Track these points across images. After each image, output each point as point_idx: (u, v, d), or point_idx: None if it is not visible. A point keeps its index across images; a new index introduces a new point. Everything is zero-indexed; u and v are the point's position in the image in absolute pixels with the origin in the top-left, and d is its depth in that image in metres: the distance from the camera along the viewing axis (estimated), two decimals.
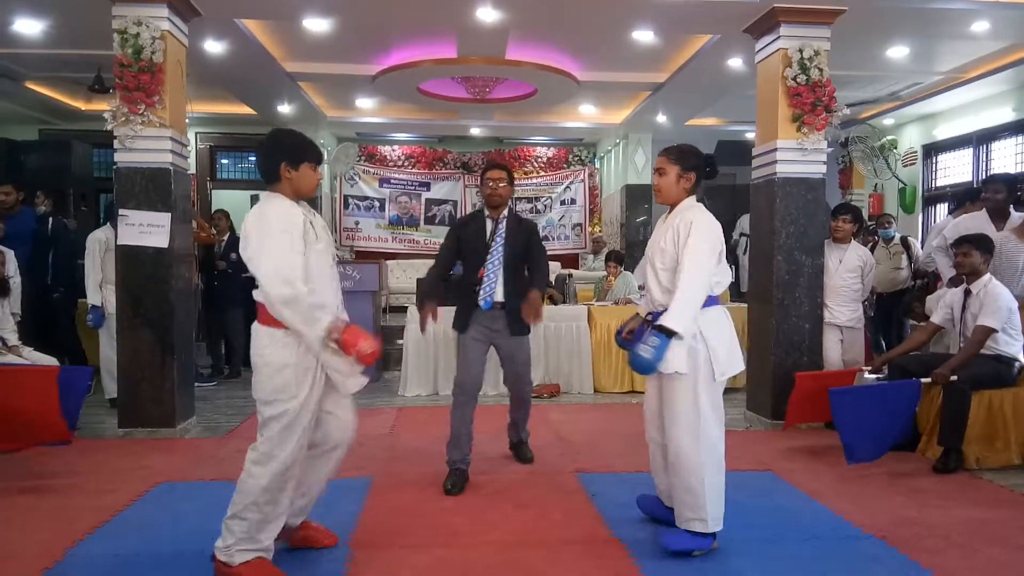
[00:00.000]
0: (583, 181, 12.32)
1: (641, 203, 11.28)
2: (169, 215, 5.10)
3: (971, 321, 4.43)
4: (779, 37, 5.27)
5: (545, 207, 12.21)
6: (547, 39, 7.09)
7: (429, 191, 12.02)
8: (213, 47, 6.72)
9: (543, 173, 12.35)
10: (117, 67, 4.96)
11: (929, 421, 4.56)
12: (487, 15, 5.87)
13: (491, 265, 4.09)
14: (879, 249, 7.20)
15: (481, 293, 4.08)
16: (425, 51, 7.45)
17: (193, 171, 10.01)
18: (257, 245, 2.67)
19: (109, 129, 5.02)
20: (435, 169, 12.13)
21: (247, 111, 9.71)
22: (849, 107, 8.95)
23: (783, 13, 5.21)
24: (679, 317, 2.90)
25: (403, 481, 4.08)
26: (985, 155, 9.02)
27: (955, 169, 9.59)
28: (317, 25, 6.35)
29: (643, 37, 6.64)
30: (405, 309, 7.16)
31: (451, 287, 4.51)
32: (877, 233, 7.62)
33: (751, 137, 6.62)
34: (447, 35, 6.85)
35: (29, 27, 6.33)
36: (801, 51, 5.19)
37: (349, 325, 2.73)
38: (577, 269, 10.85)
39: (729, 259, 4.45)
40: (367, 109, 10.05)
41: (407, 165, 12.10)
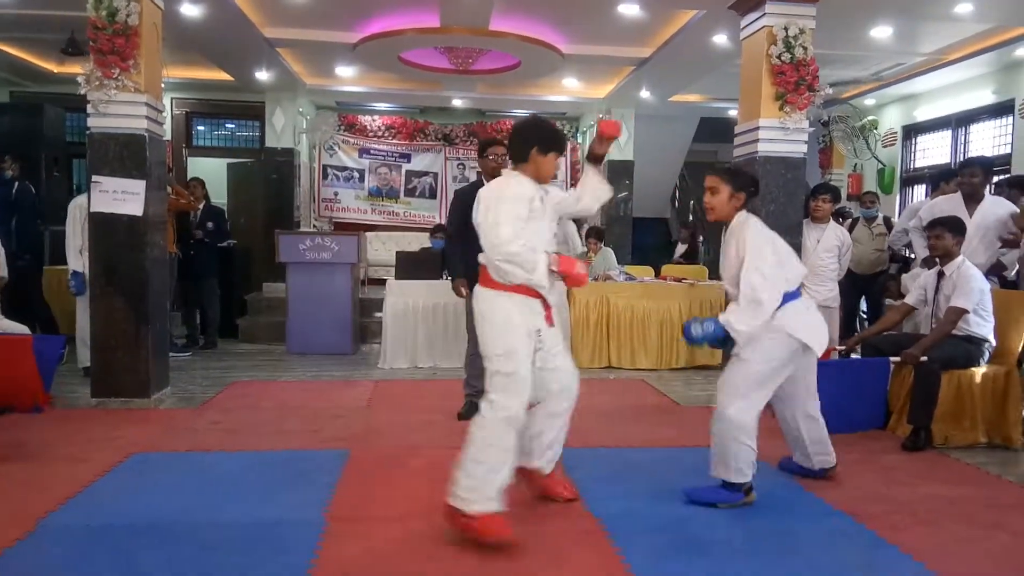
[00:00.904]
0: (565, 156, 12.25)
1: (622, 179, 11.26)
2: (144, 182, 5.02)
3: (944, 303, 4.48)
4: (764, 14, 5.25)
5: None
6: (532, 11, 7.01)
7: (410, 163, 11.91)
8: (190, 10, 6.57)
9: None
10: (91, 29, 4.84)
11: (900, 400, 4.63)
12: None
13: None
14: (860, 229, 7.08)
15: None
16: (407, 19, 7.33)
17: (168, 137, 9.84)
18: (484, 212, 3.01)
19: (82, 93, 4.91)
20: (416, 140, 12.01)
21: (224, 77, 9.54)
22: (831, 87, 8.98)
23: None
24: (738, 322, 3.23)
25: (380, 454, 4.08)
26: (964, 137, 9.09)
27: (934, 151, 9.67)
28: None
29: (628, 11, 6.58)
30: (383, 281, 7.13)
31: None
32: (843, 214, 7.59)
33: (734, 115, 6.62)
34: (430, 4, 6.74)
35: None
36: (786, 29, 5.18)
37: (560, 256, 3.02)
38: None
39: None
40: (347, 78, 9.91)
41: (387, 136, 11.96)
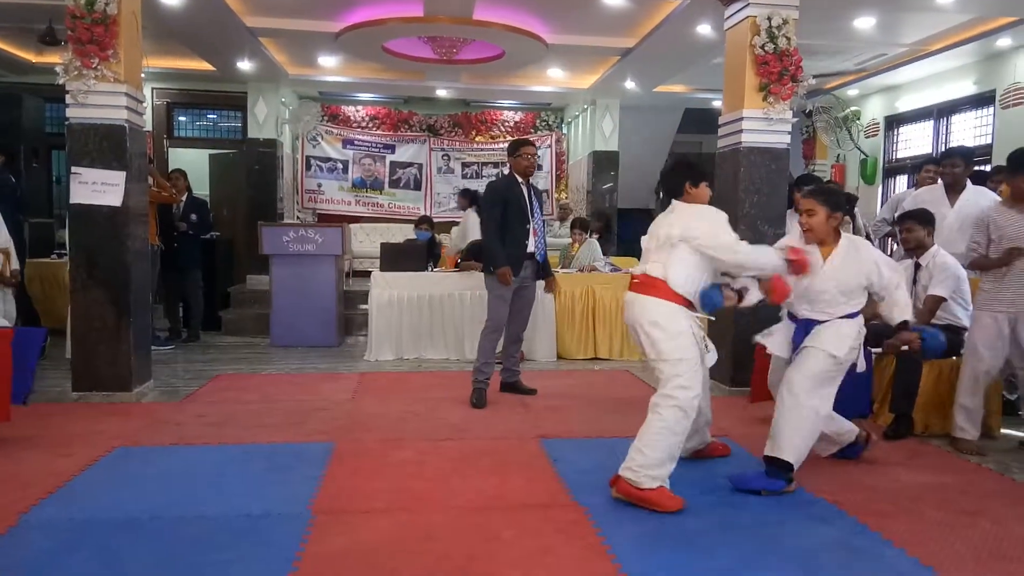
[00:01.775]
0: (550, 146, 12.24)
1: (608, 170, 11.27)
2: (124, 173, 4.95)
3: (922, 293, 4.52)
4: (748, 4, 5.24)
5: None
6: (516, 0, 6.98)
7: (394, 154, 11.85)
8: None
9: (510, 137, 12.22)
10: (69, 18, 4.76)
11: (881, 389, 4.68)
12: None
13: (536, 224, 5.14)
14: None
15: (535, 247, 5.12)
16: (391, 9, 7.29)
17: (149, 128, 9.74)
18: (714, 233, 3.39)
19: (61, 83, 4.84)
20: (400, 131, 11.95)
21: (206, 67, 9.44)
22: (815, 77, 9.00)
23: None
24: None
25: (365, 447, 4.07)
26: (945, 128, 9.16)
27: (915, 141, 9.74)
28: None
29: (613, 1, 6.57)
30: (368, 273, 7.10)
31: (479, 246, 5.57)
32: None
33: (718, 105, 6.62)
34: None
35: None
36: (770, 19, 5.18)
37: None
38: None
39: None
40: (330, 67, 9.83)
41: (371, 126, 11.90)
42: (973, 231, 4.30)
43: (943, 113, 9.14)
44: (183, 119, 11.21)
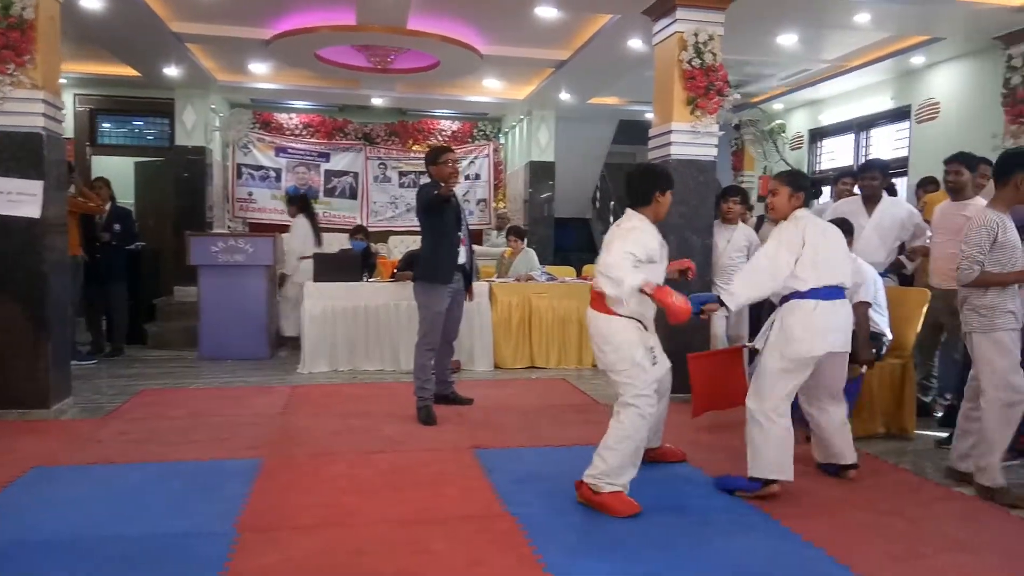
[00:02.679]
0: (488, 156, 12.26)
1: (545, 180, 11.36)
2: (42, 183, 4.78)
3: None
4: (676, 20, 5.38)
5: None
6: (450, 11, 6.99)
7: (328, 162, 11.69)
8: (91, 3, 6.29)
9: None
10: None
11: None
12: None
13: (464, 233, 5.07)
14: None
15: (465, 258, 5.05)
16: (323, 16, 7.20)
17: (70, 135, 9.40)
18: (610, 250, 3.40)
19: None
20: (335, 139, 11.81)
21: (131, 73, 9.16)
22: (740, 92, 9.27)
23: None
24: (730, 292, 3.55)
25: (295, 462, 4.00)
26: (865, 141, 9.55)
27: (838, 153, 10.11)
28: None
29: (546, 13, 6.65)
30: (301, 284, 6.98)
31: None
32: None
33: (651, 117, 6.76)
34: (346, 1, 6.64)
35: None
36: (696, 35, 5.33)
37: (658, 286, 3.32)
38: (480, 245, 10.85)
39: None
40: (261, 75, 9.66)
41: (305, 134, 11.72)
42: (971, 246, 3.67)
43: (863, 127, 9.52)
44: (107, 126, 10.84)
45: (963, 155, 4.82)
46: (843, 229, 4.72)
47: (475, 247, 9.55)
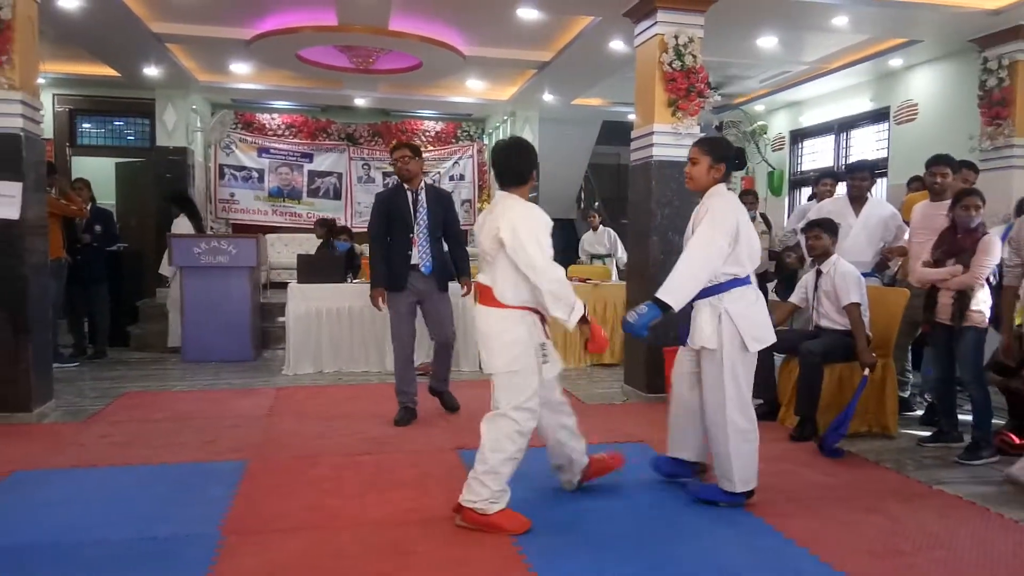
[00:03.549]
0: (472, 157, 12.26)
1: None
2: (20, 184, 4.74)
3: (824, 299, 4.72)
4: (656, 23, 5.41)
5: (434, 182, 12.09)
6: (432, 12, 6.99)
7: (312, 162, 11.64)
8: (69, 3, 6.23)
9: (431, 148, 12.19)
10: None
11: (787, 393, 4.88)
12: None
13: (420, 233, 4.79)
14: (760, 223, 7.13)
15: (418, 258, 4.77)
16: (304, 16, 7.17)
17: (50, 136, 9.31)
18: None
19: None
20: (318, 140, 11.76)
21: (111, 73, 9.08)
22: (720, 93, 9.33)
23: None
24: (670, 291, 3.22)
25: (279, 464, 3.99)
26: (845, 142, 9.64)
27: (819, 154, 10.20)
28: None
29: (527, 15, 6.67)
30: (286, 285, 6.97)
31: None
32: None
33: (634, 118, 6.80)
34: (327, 1, 6.63)
35: None
36: (676, 37, 5.36)
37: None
38: (467, 246, 10.82)
39: None
40: (243, 75, 9.60)
41: (288, 135, 11.67)
42: (1013, 250, 4.18)
43: (843, 128, 9.61)
44: (87, 126, 10.73)
45: (946, 157, 4.89)
46: (830, 229, 4.79)
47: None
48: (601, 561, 2.86)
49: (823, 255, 4.76)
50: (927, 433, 4.68)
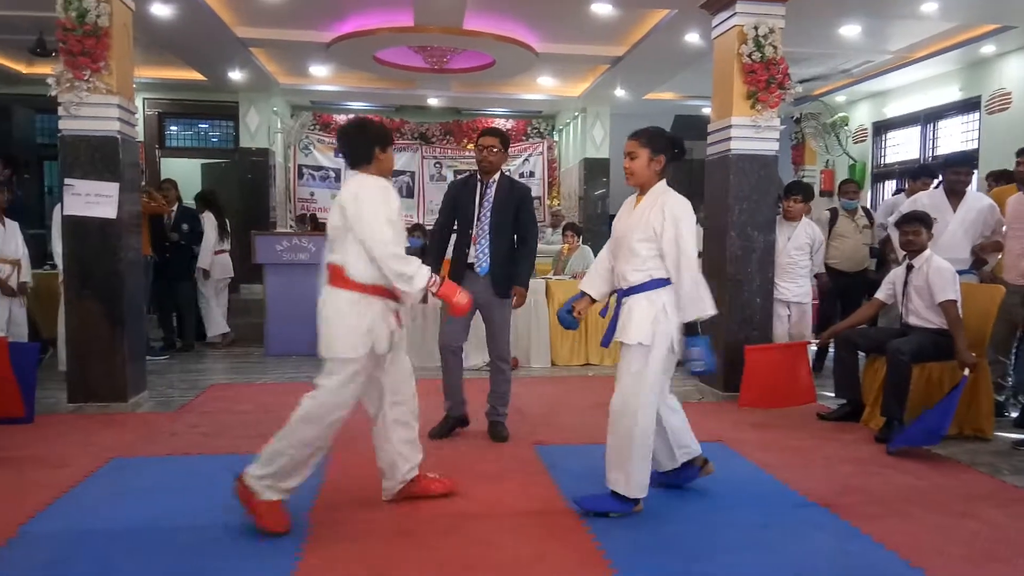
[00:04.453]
0: (542, 154, 12.30)
1: (599, 176, 11.33)
2: (117, 185, 4.97)
3: (914, 295, 4.54)
4: (735, 14, 5.31)
5: None
6: (505, 10, 7.03)
7: None
8: (161, 10, 6.52)
9: None
10: (61, 31, 4.78)
11: (872, 392, 4.72)
12: None
13: (480, 230, 4.24)
14: (843, 221, 6.39)
15: (474, 256, 4.26)
16: (381, 19, 7.32)
17: (141, 139, 9.74)
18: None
19: (53, 95, 4.86)
20: (392, 139, 11.98)
21: (197, 77, 9.46)
22: (802, 84, 9.07)
23: None
24: (699, 304, 3.08)
25: (360, 454, 4.02)
26: (932, 133, 9.26)
27: (903, 146, 9.83)
28: None
29: (601, 10, 6.64)
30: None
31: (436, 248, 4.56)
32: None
33: (708, 112, 6.70)
34: (404, 3, 6.74)
35: None
36: (756, 28, 5.24)
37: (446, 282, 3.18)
38: (535, 248, 10.86)
39: None
40: (321, 77, 9.87)
41: None
42: None
43: (930, 119, 9.24)
44: (174, 129, 11.21)
45: None
46: (927, 224, 4.59)
47: None
48: (680, 560, 2.83)
49: (919, 251, 4.57)
50: (1022, 436, 4.46)
